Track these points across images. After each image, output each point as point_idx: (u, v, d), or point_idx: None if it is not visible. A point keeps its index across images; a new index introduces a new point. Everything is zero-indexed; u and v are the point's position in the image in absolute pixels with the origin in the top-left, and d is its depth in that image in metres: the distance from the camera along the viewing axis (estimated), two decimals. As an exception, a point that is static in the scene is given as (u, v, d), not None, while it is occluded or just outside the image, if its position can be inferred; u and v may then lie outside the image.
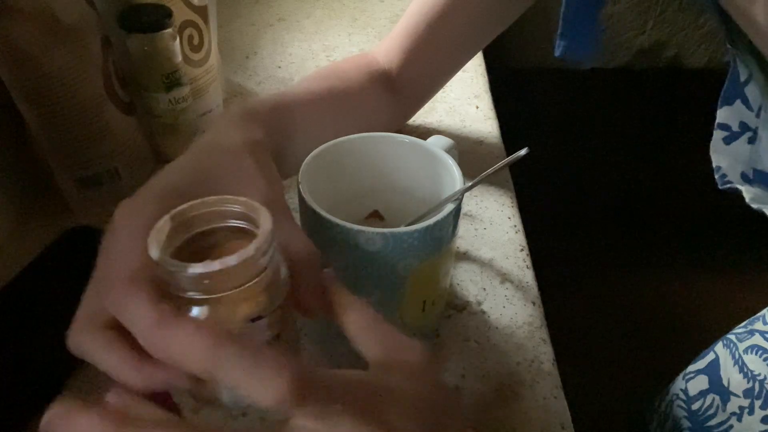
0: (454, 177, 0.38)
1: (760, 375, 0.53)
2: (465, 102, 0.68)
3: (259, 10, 0.87)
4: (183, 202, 0.26)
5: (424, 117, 0.65)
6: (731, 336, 0.58)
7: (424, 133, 0.63)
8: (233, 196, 0.26)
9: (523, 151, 0.34)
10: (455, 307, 0.46)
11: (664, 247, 1.58)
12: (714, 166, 0.44)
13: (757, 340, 0.55)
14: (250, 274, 0.24)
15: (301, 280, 0.27)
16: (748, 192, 0.44)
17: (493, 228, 0.53)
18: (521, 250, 0.52)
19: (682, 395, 0.61)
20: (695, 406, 0.58)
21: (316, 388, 0.21)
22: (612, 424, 0.88)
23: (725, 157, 0.43)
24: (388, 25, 0.84)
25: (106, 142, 0.51)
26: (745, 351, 0.55)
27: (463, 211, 0.50)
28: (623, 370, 1.31)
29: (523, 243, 0.52)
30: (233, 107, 0.37)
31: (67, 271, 0.47)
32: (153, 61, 0.53)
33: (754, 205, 0.45)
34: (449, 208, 0.36)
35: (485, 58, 0.76)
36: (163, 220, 0.25)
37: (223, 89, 0.66)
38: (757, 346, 0.54)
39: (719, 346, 0.59)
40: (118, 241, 0.27)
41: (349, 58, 0.55)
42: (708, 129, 0.44)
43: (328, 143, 0.40)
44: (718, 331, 0.62)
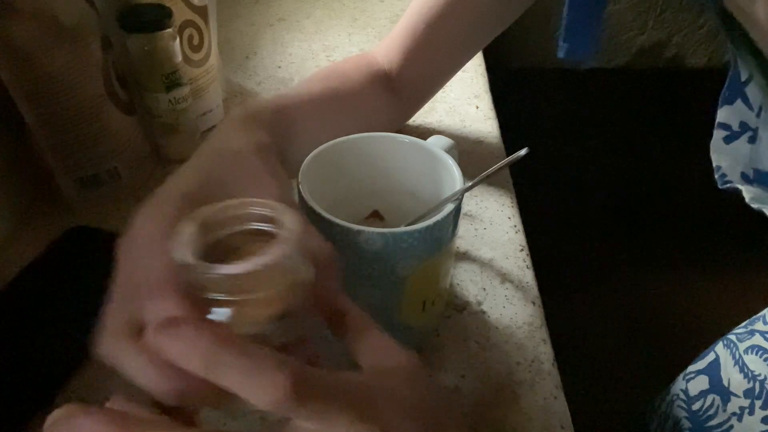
0: (454, 177, 0.38)
1: (760, 375, 0.53)
2: (465, 102, 0.68)
3: (259, 10, 0.87)
4: (198, 206, 0.26)
5: (424, 117, 0.65)
6: (731, 336, 0.58)
7: (424, 133, 0.63)
8: (256, 199, 0.26)
9: (523, 151, 0.34)
10: (455, 307, 0.46)
11: (664, 247, 1.58)
12: (714, 165, 0.44)
13: (757, 340, 0.55)
14: (279, 274, 0.24)
15: (320, 280, 0.27)
16: (748, 192, 0.44)
17: (493, 228, 0.53)
18: (521, 250, 0.52)
19: (683, 395, 0.61)
20: (695, 407, 0.58)
21: (314, 389, 0.21)
22: (612, 424, 0.88)
23: (725, 157, 0.43)
24: (388, 25, 0.84)
25: (106, 142, 0.51)
26: (746, 351, 0.55)
27: (463, 211, 0.50)
28: (623, 370, 1.31)
29: (523, 243, 0.52)
30: (235, 111, 0.37)
31: (67, 271, 0.47)
32: (153, 61, 0.53)
33: (754, 205, 0.45)
34: (449, 208, 0.36)
35: (485, 58, 0.76)
36: (186, 224, 0.24)
37: (223, 89, 0.66)
38: (757, 346, 0.54)
39: (719, 347, 0.59)
40: (140, 247, 0.27)
41: (349, 58, 0.55)
42: (708, 129, 0.44)
43: (328, 143, 0.40)
44: (719, 331, 0.62)
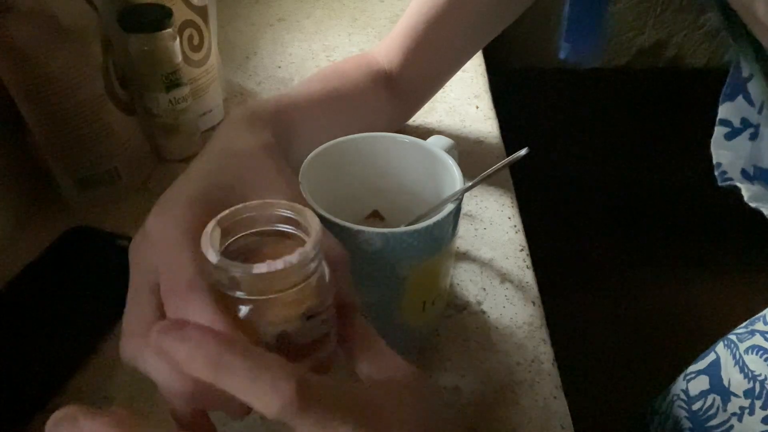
0: (454, 177, 0.38)
1: (760, 375, 0.53)
2: (465, 102, 0.68)
3: (259, 10, 0.87)
4: (211, 207, 0.26)
5: (424, 117, 0.65)
6: (732, 336, 0.58)
7: (424, 133, 0.63)
8: (277, 200, 0.26)
9: (523, 151, 0.34)
10: (455, 307, 0.46)
11: (664, 247, 1.58)
12: (714, 162, 0.44)
13: (757, 340, 0.55)
14: (306, 272, 0.24)
15: (335, 279, 0.27)
16: (747, 190, 0.43)
17: (493, 228, 0.53)
18: (521, 250, 0.51)
19: (683, 395, 0.60)
20: (696, 407, 0.58)
21: (318, 397, 0.21)
22: (612, 424, 0.88)
23: (726, 154, 0.43)
24: (388, 25, 0.84)
25: (106, 142, 0.51)
26: (746, 351, 0.55)
27: (463, 211, 0.50)
28: (623, 370, 1.31)
29: (523, 243, 0.52)
30: (236, 111, 0.37)
31: (67, 271, 0.47)
32: (153, 61, 0.53)
33: (753, 204, 0.45)
34: (449, 208, 0.36)
35: (485, 58, 0.76)
36: (211, 226, 0.24)
37: (223, 89, 0.66)
38: (757, 346, 0.54)
39: (720, 347, 0.59)
40: (157, 249, 0.26)
41: (350, 58, 0.55)
42: (708, 129, 0.44)
43: (328, 143, 0.40)
44: (719, 331, 0.62)
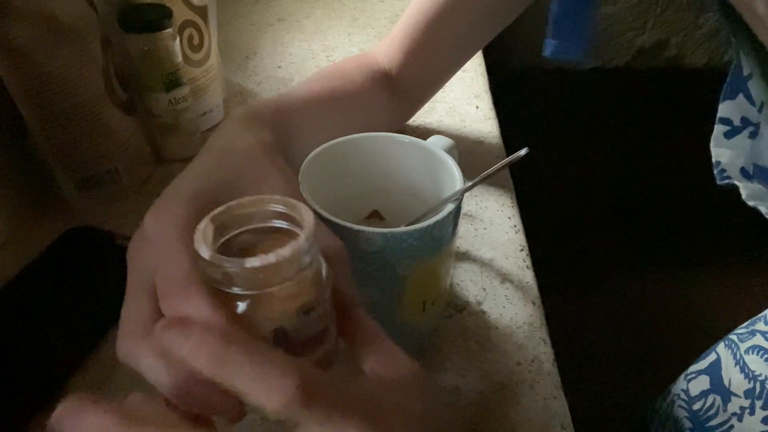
0: (454, 177, 0.38)
1: (761, 375, 0.53)
2: (465, 102, 0.68)
3: (259, 10, 0.87)
4: (209, 205, 0.26)
5: (424, 117, 0.65)
6: (733, 336, 0.58)
7: (424, 133, 0.63)
8: (269, 196, 0.26)
9: (523, 151, 0.34)
10: (455, 307, 0.46)
11: (664, 247, 1.58)
12: (713, 161, 0.44)
13: (758, 340, 0.55)
14: (300, 266, 0.24)
15: (333, 274, 0.27)
16: (746, 188, 0.43)
17: (493, 228, 0.53)
18: (521, 250, 0.51)
19: (684, 395, 0.60)
20: (696, 407, 0.58)
21: (322, 393, 0.21)
22: (612, 424, 0.88)
23: (725, 152, 0.43)
24: (388, 25, 0.84)
25: (106, 142, 0.51)
26: (747, 351, 0.55)
27: (463, 211, 0.50)
28: (623, 370, 1.31)
29: (523, 243, 0.52)
30: (236, 110, 0.37)
31: (67, 271, 0.47)
32: (153, 61, 0.53)
33: (750, 202, 0.45)
34: (449, 208, 0.36)
35: (485, 58, 0.76)
36: (204, 223, 0.24)
37: (223, 89, 0.66)
38: (758, 346, 0.54)
39: (721, 347, 0.59)
40: (155, 247, 0.26)
41: (350, 58, 0.55)
42: (708, 129, 0.44)
43: (328, 143, 0.39)
44: (720, 331, 0.62)
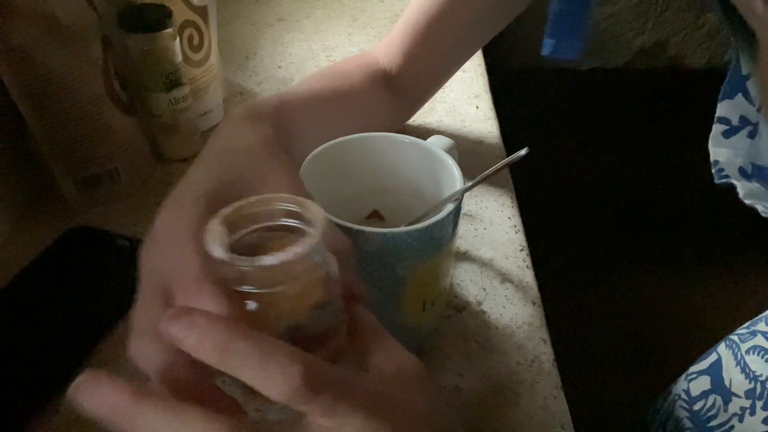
0: (454, 177, 0.38)
1: (761, 376, 0.53)
2: (465, 102, 0.68)
3: (259, 10, 0.87)
4: (218, 205, 0.26)
5: (424, 117, 0.65)
6: (734, 337, 0.58)
7: (424, 133, 0.63)
8: (277, 195, 0.26)
9: (523, 151, 0.34)
10: (455, 307, 0.46)
11: (665, 247, 1.58)
12: (712, 160, 0.44)
13: (759, 341, 0.55)
14: (313, 263, 0.24)
15: (341, 270, 0.27)
16: (743, 188, 0.43)
17: (493, 228, 0.53)
18: (521, 250, 0.51)
19: (684, 396, 0.60)
20: (697, 407, 0.58)
21: (327, 382, 0.21)
22: (612, 424, 0.89)
23: (724, 151, 0.43)
24: (388, 25, 0.84)
25: (106, 142, 0.51)
26: (747, 352, 0.55)
27: (463, 211, 0.50)
28: (623, 370, 1.31)
29: (523, 243, 0.52)
30: (237, 109, 0.37)
31: (67, 271, 0.47)
32: (153, 61, 0.53)
33: (748, 201, 0.45)
34: (449, 208, 0.36)
35: (485, 58, 0.76)
36: (213, 223, 0.24)
37: (223, 89, 0.66)
38: (759, 347, 0.54)
39: (722, 347, 0.59)
40: (167, 247, 0.27)
41: (350, 58, 0.55)
42: (708, 129, 0.44)
43: (328, 143, 0.39)
44: (721, 331, 0.62)
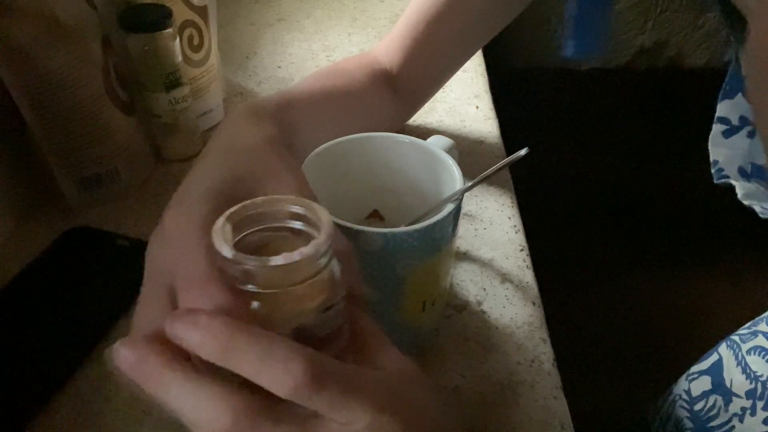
0: (454, 177, 0.38)
1: (762, 376, 0.53)
2: (465, 102, 0.68)
3: (259, 10, 0.87)
4: (224, 203, 0.26)
5: (424, 117, 0.65)
6: (735, 337, 0.58)
7: (424, 133, 0.63)
8: (284, 196, 0.26)
9: (523, 151, 0.34)
10: (455, 307, 0.46)
11: (664, 247, 1.58)
12: (711, 159, 0.44)
13: (760, 341, 0.55)
14: (319, 264, 0.24)
15: (344, 271, 0.27)
16: (742, 188, 0.43)
17: (493, 228, 0.53)
18: (521, 250, 0.51)
19: (685, 396, 0.60)
20: (697, 407, 0.58)
21: (331, 377, 0.21)
22: (612, 424, 0.88)
23: (723, 151, 0.43)
24: (388, 25, 0.84)
25: (106, 142, 0.51)
26: (748, 352, 0.55)
27: (463, 211, 0.50)
28: (624, 370, 1.31)
29: (523, 243, 0.52)
30: (238, 107, 0.37)
31: (67, 271, 0.47)
32: (153, 61, 0.53)
33: (746, 201, 0.45)
34: (449, 208, 0.36)
35: (485, 58, 0.76)
36: (221, 221, 0.24)
37: (223, 89, 0.66)
38: (760, 347, 0.54)
39: (723, 347, 0.59)
40: (174, 246, 0.27)
41: (350, 57, 0.55)
42: (708, 129, 0.44)
43: (328, 143, 0.39)
44: (721, 332, 0.61)
